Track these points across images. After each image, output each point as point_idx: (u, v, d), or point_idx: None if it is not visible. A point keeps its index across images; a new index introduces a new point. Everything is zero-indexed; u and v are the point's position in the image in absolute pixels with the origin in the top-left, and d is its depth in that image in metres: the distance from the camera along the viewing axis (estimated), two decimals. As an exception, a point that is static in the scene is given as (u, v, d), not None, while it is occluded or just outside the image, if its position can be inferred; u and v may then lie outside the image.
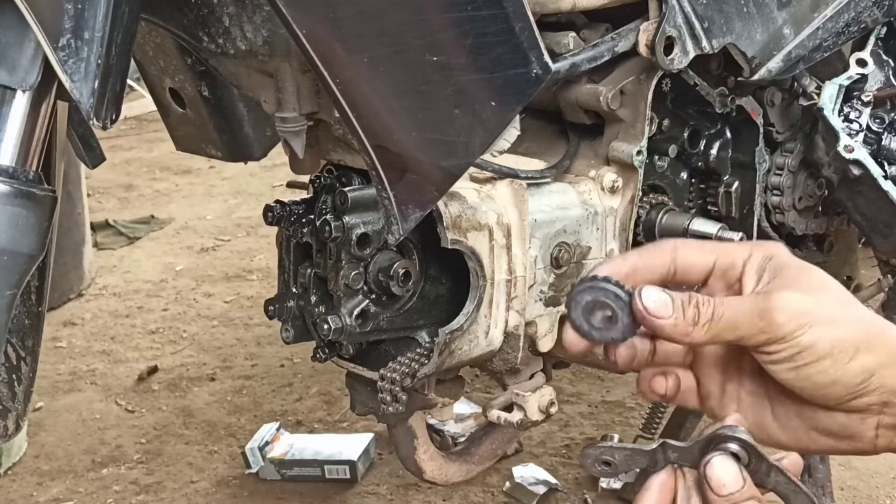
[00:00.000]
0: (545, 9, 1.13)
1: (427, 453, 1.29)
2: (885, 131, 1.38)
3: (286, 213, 1.16)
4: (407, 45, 0.93)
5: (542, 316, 1.20)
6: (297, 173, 1.18)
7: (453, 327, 1.12)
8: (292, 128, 1.08)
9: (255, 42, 1.03)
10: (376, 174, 0.95)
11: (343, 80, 0.91)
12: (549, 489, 2.04)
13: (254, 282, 3.10)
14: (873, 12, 1.32)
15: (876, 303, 1.66)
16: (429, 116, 0.95)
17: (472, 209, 1.11)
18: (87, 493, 2.12)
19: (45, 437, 2.31)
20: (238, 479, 2.14)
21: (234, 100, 1.28)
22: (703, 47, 1.17)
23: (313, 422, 2.34)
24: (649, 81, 1.18)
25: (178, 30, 1.10)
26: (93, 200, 3.72)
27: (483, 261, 1.12)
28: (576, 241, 1.20)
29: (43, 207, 0.93)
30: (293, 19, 0.88)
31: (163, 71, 1.27)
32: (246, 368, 2.59)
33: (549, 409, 1.25)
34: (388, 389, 1.11)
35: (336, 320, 1.10)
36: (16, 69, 0.91)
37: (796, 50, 1.25)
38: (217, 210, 3.74)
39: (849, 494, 1.99)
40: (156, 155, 4.33)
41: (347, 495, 2.08)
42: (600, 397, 2.39)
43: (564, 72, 1.14)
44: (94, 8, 0.88)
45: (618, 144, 1.21)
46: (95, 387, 2.53)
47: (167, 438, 2.30)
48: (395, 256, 1.13)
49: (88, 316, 2.92)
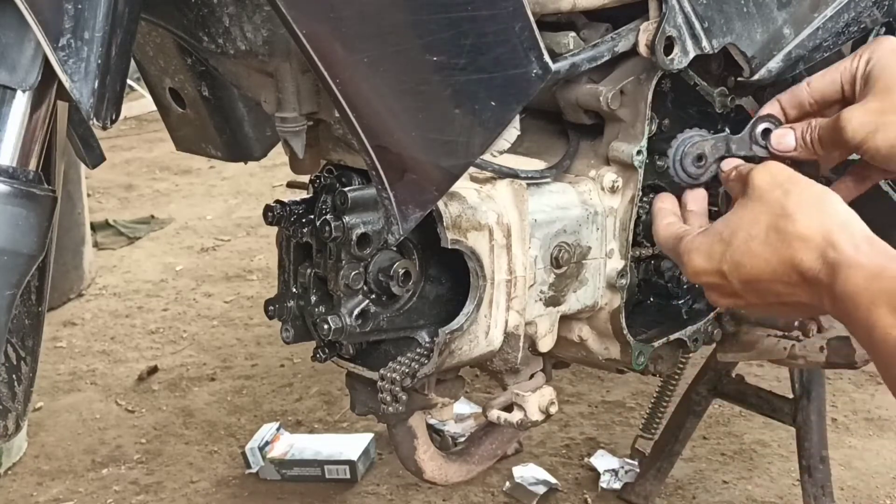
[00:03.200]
0: (545, 9, 1.13)
1: (427, 453, 1.29)
2: (885, 131, 1.38)
3: (286, 213, 1.16)
4: (407, 45, 0.93)
5: (542, 316, 1.20)
6: (297, 173, 1.18)
7: (453, 327, 1.12)
8: (292, 128, 1.08)
9: (255, 42, 1.03)
10: (376, 174, 0.95)
11: (343, 80, 0.91)
12: (549, 489, 2.04)
13: (254, 282, 3.11)
14: (873, 12, 1.32)
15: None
16: (429, 116, 0.95)
17: (472, 209, 1.11)
18: (87, 493, 2.12)
19: (45, 437, 2.31)
20: (238, 479, 2.14)
21: (234, 100, 1.28)
22: (703, 47, 1.17)
23: (313, 422, 2.34)
24: (649, 81, 1.18)
25: (178, 30, 1.10)
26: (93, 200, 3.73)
27: (483, 261, 1.12)
28: (576, 241, 1.20)
29: (43, 207, 0.93)
30: (293, 19, 0.89)
31: (163, 71, 1.27)
32: (246, 368, 2.59)
33: (549, 409, 1.25)
34: (388, 389, 1.11)
35: (336, 320, 1.10)
36: (16, 69, 0.91)
37: (796, 50, 1.25)
38: (217, 210, 3.74)
39: (849, 494, 1.99)
40: (156, 155, 4.33)
41: (347, 495, 2.08)
42: (600, 397, 2.40)
43: (564, 72, 1.14)
44: (94, 8, 0.88)
45: (618, 144, 1.21)
46: (95, 387, 2.53)
47: (167, 438, 2.30)
48: (395, 256, 1.13)
49: (88, 316, 2.92)
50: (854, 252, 0.96)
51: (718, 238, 1.05)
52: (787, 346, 1.45)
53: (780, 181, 1.03)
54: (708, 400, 1.97)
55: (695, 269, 1.06)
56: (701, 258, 1.06)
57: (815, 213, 1.00)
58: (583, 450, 2.19)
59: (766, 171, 1.05)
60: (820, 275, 0.97)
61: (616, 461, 2.10)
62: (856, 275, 0.94)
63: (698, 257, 1.06)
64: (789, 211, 1.01)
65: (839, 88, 1.16)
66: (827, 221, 0.99)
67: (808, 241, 0.99)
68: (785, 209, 1.01)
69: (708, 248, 1.05)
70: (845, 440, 2.19)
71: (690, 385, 1.97)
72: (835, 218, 0.99)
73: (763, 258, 1.01)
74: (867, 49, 1.16)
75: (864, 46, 1.18)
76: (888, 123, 1.10)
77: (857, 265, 0.95)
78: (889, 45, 1.16)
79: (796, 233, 0.99)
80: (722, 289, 1.06)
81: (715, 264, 1.04)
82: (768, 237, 1.01)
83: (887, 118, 1.11)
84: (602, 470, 2.08)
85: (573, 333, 1.27)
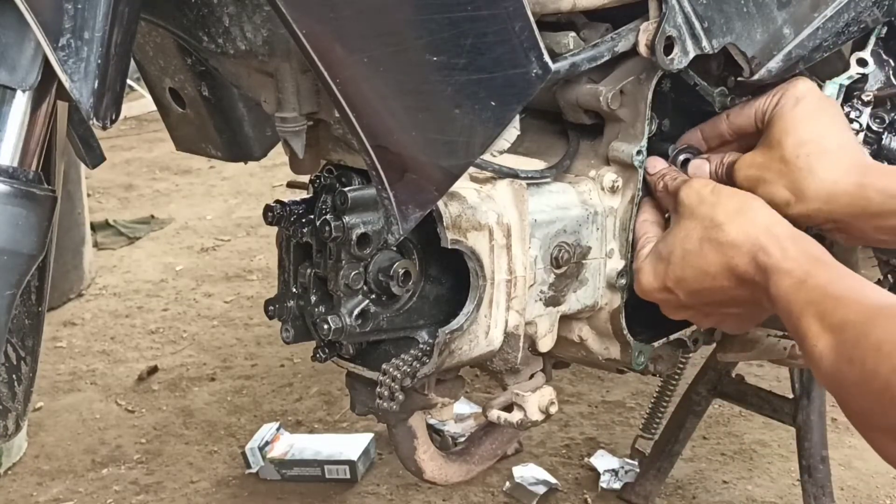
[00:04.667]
0: (545, 9, 1.13)
1: (427, 453, 1.29)
2: (886, 131, 1.38)
3: (286, 213, 1.16)
4: (407, 45, 0.93)
5: (542, 316, 1.20)
6: (297, 173, 1.18)
7: (453, 327, 1.12)
8: (292, 128, 1.08)
9: (255, 42, 1.03)
10: (376, 174, 0.95)
11: (343, 80, 0.91)
12: (549, 489, 2.04)
13: (254, 282, 3.11)
14: (873, 12, 1.32)
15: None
16: (429, 116, 0.95)
17: (472, 209, 1.11)
18: (87, 493, 2.12)
19: (45, 437, 2.31)
20: (238, 479, 2.14)
21: (234, 100, 1.28)
22: (703, 47, 1.17)
23: (313, 422, 2.34)
24: (649, 81, 1.19)
25: (178, 30, 1.10)
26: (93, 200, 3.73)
27: (483, 261, 1.12)
28: (576, 240, 1.20)
29: (43, 207, 0.92)
30: (293, 19, 0.88)
31: (163, 71, 1.27)
32: (246, 368, 2.59)
33: (549, 409, 1.25)
34: (388, 385, 1.11)
35: (336, 320, 1.10)
36: (16, 69, 0.91)
37: (796, 50, 1.25)
38: (217, 210, 3.74)
39: (849, 494, 1.99)
40: (156, 155, 4.33)
41: (347, 495, 2.08)
42: (600, 397, 2.40)
43: (564, 72, 1.14)
44: (94, 8, 0.88)
45: (618, 144, 1.21)
46: (95, 387, 2.53)
47: (167, 438, 2.30)
48: (395, 256, 1.13)
49: (88, 316, 2.92)
50: (781, 256, 1.02)
51: (658, 257, 1.14)
52: (787, 346, 1.45)
53: (705, 195, 1.11)
54: (708, 400, 1.97)
55: (643, 288, 1.16)
56: (647, 277, 1.15)
57: (741, 220, 1.07)
58: (583, 450, 2.19)
59: (692, 189, 1.13)
60: (756, 277, 1.04)
61: (616, 461, 2.10)
62: (784, 281, 1.00)
63: (644, 277, 1.15)
64: (718, 221, 1.08)
65: (753, 123, 1.22)
66: (753, 227, 1.06)
67: (740, 247, 1.05)
68: (714, 220, 1.08)
69: (652, 267, 1.14)
70: (845, 440, 2.19)
71: (690, 385, 1.97)
72: (760, 222, 1.06)
73: (701, 269, 1.08)
74: (781, 90, 1.21)
75: (781, 85, 1.22)
76: (767, 180, 1.17)
77: (784, 271, 1.01)
78: (796, 91, 1.20)
79: (727, 241, 1.06)
80: (671, 303, 1.15)
81: (660, 282, 1.13)
82: (703, 248, 1.08)
83: (767, 174, 1.17)
84: (602, 470, 2.08)
85: (573, 333, 1.27)
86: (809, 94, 1.20)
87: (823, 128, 1.18)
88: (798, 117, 1.18)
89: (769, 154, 1.18)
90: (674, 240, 1.12)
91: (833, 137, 1.17)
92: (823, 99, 1.22)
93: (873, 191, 1.13)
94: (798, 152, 1.16)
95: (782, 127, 1.18)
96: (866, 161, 1.18)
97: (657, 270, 1.13)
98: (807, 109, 1.18)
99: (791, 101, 1.19)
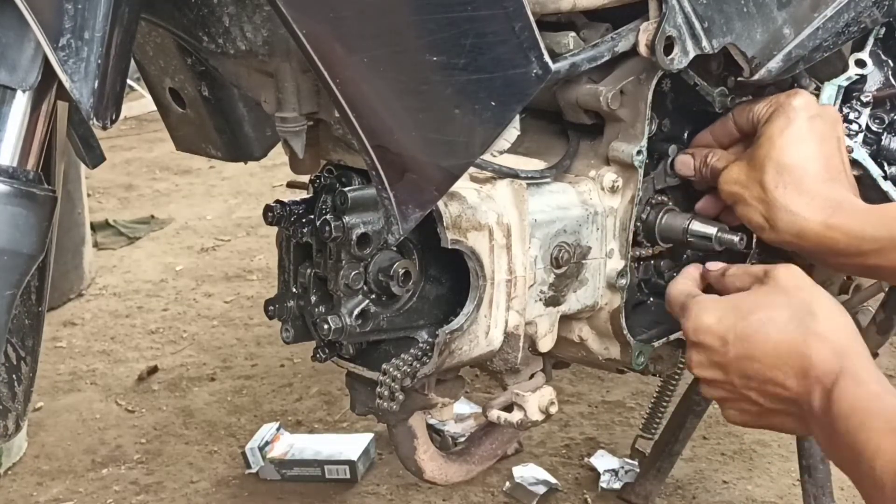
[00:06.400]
0: (545, 9, 1.13)
1: (427, 453, 1.29)
2: (885, 131, 1.38)
3: (286, 213, 1.16)
4: (407, 45, 0.93)
5: (542, 316, 1.20)
6: (297, 173, 1.18)
7: (453, 327, 1.12)
8: (292, 128, 1.08)
9: (255, 42, 1.03)
10: (376, 174, 0.95)
11: (343, 80, 0.91)
12: (549, 489, 2.04)
13: (254, 282, 3.11)
14: (873, 12, 1.32)
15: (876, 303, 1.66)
16: (429, 116, 0.95)
17: (472, 209, 1.11)
18: (87, 493, 2.12)
19: (45, 437, 2.31)
20: (238, 479, 2.14)
21: (234, 100, 1.28)
22: (703, 47, 1.17)
23: (313, 422, 2.34)
24: (649, 81, 1.19)
25: (178, 30, 1.10)
26: (93, 200, 3.72)
27: (483, 261, 1.12)
28: (576, 240, 1.20)
29: (43, 207, 0.92)
30: (293, 19, 0.89)
31: (163, 71, 1.27)
32: (246, 368, 2.59)
33: (549, 409, 1.25)
34: (388, 385, 1.11)
35: (336, 320, 1.10)
36: (16, 69, 0.91)
37: (796, 50, 1.25)
38: (217, 210, 3.74)
39: (849, 494, 1.98)
40: (156, 155, 4.33)
41: (347, 495, 2.08)
42: (600, 397, 2.40)
43: (564, 72, 1.14)
44: (94, 8, 0.88)
45: (618, 144, 1.21)
46: (95, 387, 2.53)
47: (167, 438, 2.30)
48: (395, 256, 1.13)
49: (88, 316, 2.92)
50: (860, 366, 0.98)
51: (734, 307, 1.07)
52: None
53: (806, 284, 1.07)
54: (708, 400, 1.97)
55: (698, 325, 1.08)
56: (710, 317, 1.08)
57: (838, 321, 1.03)
58: (583, 450, 2.19)
59: (791, 272, 1.09)
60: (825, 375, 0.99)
61: (616, 461, 2.10)
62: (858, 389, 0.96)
63: (707, 316, 1.08)
64: (814, 310, 1.04)
65: (753, 126, 1.24)
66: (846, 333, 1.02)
67: (827, 341, 1.01)
68: (811, 308, 1.04)
69: (721, 312, 1.08)
70: (845, 440, 2.18)
71: (690, 385, 1.97)
72: (853, 332, 1.03)
73: (773, 341, 1.03)
74: (776, 103, 1.22)
75: (779, 96, 1.24)
76: (747, 202, 1.20)
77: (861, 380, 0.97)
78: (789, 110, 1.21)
79: (817, 330, 1.02)
80: (713, 354, 1.08)
81: (722, 329, 1.07)
82: (788, 326, 1.03)
83: (747, 195, 1.20)
84: (602, 470, 2.08)
85: (573, 333, 1.27)
86: (803, 113, 1.20)
87: (808, 155, 1.19)
88: (785, 142, 1.19)
89: (752, 174, 1.19)
90: (760, 302, 1.06)
91: (813, 167, 1.18)
92: (816, 119, 1.21)
93: (840, 232, 1.16)
94: (777, 181, 1.18)
95: (768, 150, 1.19)
96: (839, 197, 1.18)
97: (724, 317, 1.07)
98: (795, 134, 1.19)
99: (782, 122, 1.20)
